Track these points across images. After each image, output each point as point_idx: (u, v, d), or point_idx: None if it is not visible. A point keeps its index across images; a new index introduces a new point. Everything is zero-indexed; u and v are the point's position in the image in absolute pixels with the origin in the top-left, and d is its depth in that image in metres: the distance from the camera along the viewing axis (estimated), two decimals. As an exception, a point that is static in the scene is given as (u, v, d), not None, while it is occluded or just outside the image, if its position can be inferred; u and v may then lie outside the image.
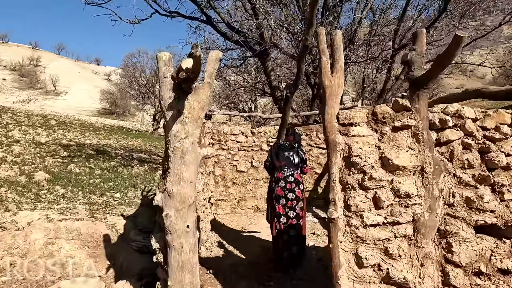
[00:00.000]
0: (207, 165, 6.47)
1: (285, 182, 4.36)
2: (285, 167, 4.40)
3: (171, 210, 2.38)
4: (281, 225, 4.26)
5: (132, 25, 7.68)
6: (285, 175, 4.37)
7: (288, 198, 4.32)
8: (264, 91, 10.97)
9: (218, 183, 7.26)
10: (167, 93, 2.46)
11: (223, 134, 7.31)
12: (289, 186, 4.35)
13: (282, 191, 4.34)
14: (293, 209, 4.31)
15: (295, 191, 4.36)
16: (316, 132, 7.41)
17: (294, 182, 4.38)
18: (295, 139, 4.49)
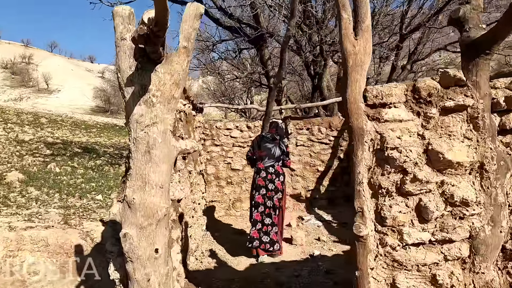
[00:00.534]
0: (197, 163, 5.76)
1: (266, 172, 4.47)
2: (265, 158, 4.52)
3: (131, 227, 1.67)
4: (257, 214, 4.42)
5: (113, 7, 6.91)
6: (266, 166, 4.49)
7: (268, 188, 4.43)
8: (261, 83, 10.24)
9: (211, 183, 6.57)
10: (126, 61, 1.74)
11: (216, 129, 6.61)
12: (270, 177, 4.45)
13: (263, 181, 4.45)
14: (271, 199, 4.42)
15: (275, 182, 4.45)
16: (318, 125, 6.73)
17: (274, 173, 4.48)
18: (277, 132, 4.68)
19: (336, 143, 6.73)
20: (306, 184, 6.75)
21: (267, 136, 4.63)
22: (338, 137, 6.72)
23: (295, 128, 6.79)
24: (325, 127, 6.71)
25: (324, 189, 6.76)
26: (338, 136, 6.71)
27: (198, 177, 5.72)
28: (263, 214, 4.40)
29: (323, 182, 6.78)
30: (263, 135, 4.71)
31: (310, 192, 6.77)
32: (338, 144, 6.72)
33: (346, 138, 6.64)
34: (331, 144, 6.73)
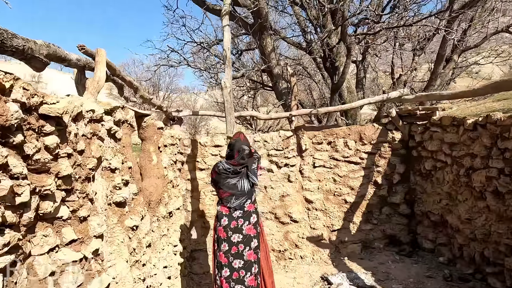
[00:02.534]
0: (169, 195, 3.88)
1: (228, 219, 3.20)
2: (232, 198, 3.22)
3: None
4: (222, 280, 3.12)
5: None
6: (231, 209, 3.20)
7: (232, 242, 3.15)
8: (263, 84, 8.35)
9: (193, 224, 4.63)
10: None
11: (200, 146, 4.70)
12: (234, 224, 3.18)
13: (225, 232, 3.20)
14: (240, 256, 3.13)
15: (243, 229, 3.17)
16: (344, 138, 4.79)
17: (242, 217, 3.19)
18: (240, 153, 3.27)
19: (370, 162, 4.77)
20: (329, 221, 4.78)
21: (225, 167, 3.25)
22: (373, 154, 4.75)
23: (311, 142, 4.87)
24: (353, 140, 4.76)
25: (356, 229, 4.78)
26: (373, 152, 4.75)
27: (174, 217, 3.82)
28: (230, 280, 3.08)
29: (353, 218, 4.82)
30: (220, 167, 3.30)
31: (335, 233, 4.82)
32: (373, 163, 4.77)
33: (385, 155, 4.66)
34: (363, 163, 4.77)
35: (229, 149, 3.34)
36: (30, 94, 1.50)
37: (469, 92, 3.54)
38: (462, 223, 3.85)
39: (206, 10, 5.90)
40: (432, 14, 4.62)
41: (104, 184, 2.36)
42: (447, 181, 4.11)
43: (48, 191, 1.69)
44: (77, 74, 2.39)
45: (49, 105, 1.59)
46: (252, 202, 3.25)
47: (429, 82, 6.29)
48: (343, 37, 4.96)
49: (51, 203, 1.74)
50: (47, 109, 1.58)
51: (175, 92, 24.20)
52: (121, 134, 2.73)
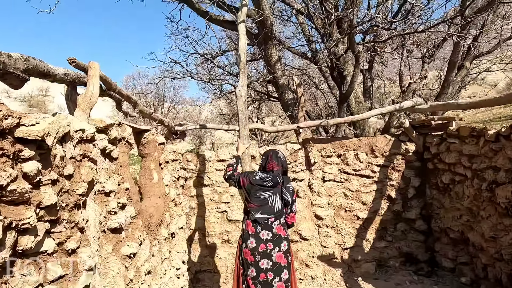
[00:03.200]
0: (171, 214, 3.65)
1: (256, 241, 2.80)
2: (258, 212, 2.85)
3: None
4: None
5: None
6: (257, 222, 2.83)
7: (260, 268, 2.77)
8: (269, 95, 8.15)
9: (197, 243, 4.41)
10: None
11: (204, 161, 4.48)
12: (263, 248, 2.79)
13: (252, 255, 2.80)
14: (269, 285, 2.75)
15: (273, 256, 2.78)
16: (355, 150, 4.54)
17: (272, 241, 2.81)
18: (280, 167, 3.01)
19: (383, 176, 4.51)
20: (341, 238, 4.51)
21: (262, 176, 2.95)
22: (386, 166, 4.49)
23: (320, 155, 4.63)
24: (365, 152, 4.52)
25: (369, 246, 4.49)
26: (386, 165, 4.49)
27: (177, 237, 3.59)
28: None
29: (366, 235, 4.54)
30: (256, 177, 2.96)
31: (348, 251, 4.52)
32: (386, 177, 4.50)
33: (398, 167, 4.40)
34: (376, 176, 4.50)
35: (264, 156, 3.09)
36: (3, 116, 1.30)
37: (491, 100, 3.30)
38: (486, 241, 3.55)
39: (209, 20, 5.76)
40: (445, 20, 4.41)
41: (97, 210, 2.14)
42: (467, 195, 3.83)
43: (28, 225, 1.47)
44: (68, 89, 2.20)
45: (27, 127, 1.39)
46: (282, 225, 2.88)
47: (441, 90, 6.04)
48: (351, 46, 4.76)
49: (31, 238, 1.52)
50: (25, 131, 1.38)
51: (180, 103, 24.20)
52: (118, 153, 2.53)
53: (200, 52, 7.72)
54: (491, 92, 10.98)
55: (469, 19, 4.52)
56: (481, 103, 3.59)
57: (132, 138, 2.85)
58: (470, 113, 12.52)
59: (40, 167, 1.53)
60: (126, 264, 2.37)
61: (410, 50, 7.55)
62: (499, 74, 10.74)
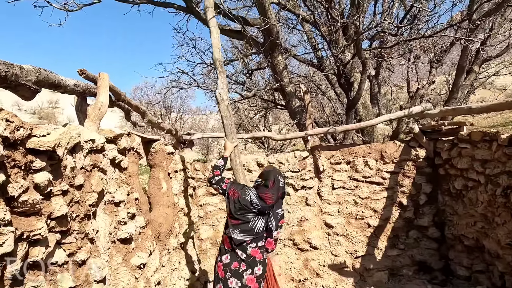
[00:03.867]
0: (180, 224, 3.63)
1: (231, 258, 2.68)
2: (236, 229, 2.66)
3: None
4: None
5: (66, 12, 5.25)
6: (235, 239, 2.65)
7: (228, 287, 2.62)
8: (276, 103, 8.15)
9: (206, 253, 4.36)
10: None
11: (212, 170, 4.45)
12: (235, 266, 2.65)
13: (223, 271, 2.68)
14: None
15: (243, 277, 2.62)
16: (364, 157, 4.50)
17: (245, 262, 2.65)
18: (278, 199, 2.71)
19: (393, 182, 4.44)
20: (352, 247, 4.43)
21: (252, 201, 2.65)
22: (396, 173, 4.43)
23: (329, 162, 4.58)
24: (374, 159, 4.46)
25: (381, 254, 4.40)
26: (396, 171, 4.42)
27: (185, 249, 3.56)
28: None
29: (378, 243, 4.45)
30: (247, 198, 2.66)
31: (359, 259, 4.44)
32: (397, 183, 4.43)
33: (409, 174, 4.34)
34: (386, 183, 4.44)
35: (262, 178, 2.77)
36: (15, 127, 1.31)
37: (503, 104, 3.24)
38: (502, 249, 3.45)
39: (215, 30, 5.79)
40: (453, 24, 4.38)
41: (107, 220, 2.14)
42: (481, 201, 3.74)
43: (39, 236, 1.47)
44: (78, 100, 2.22)
45: (38, 138, 1.40)
46: (259, 247, 2.69)
47: (450, 95, 5.97)
48: (358, 52, 4.75)
49: (42, 249, 1.52)
50: (36, 142, 1.39)
51: (187, 113, 24.38)
52: (127, 163, 2.53)
53: (207, 61, 7.78)
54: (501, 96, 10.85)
55: (477, 23, 4.49)
56: (492, 107, 3.53)
57: (141, 148, 2.86)
58: (479, 118, 12.35)
59: (51, 178, 1.53)
60: (136, 275, 2.35)
61: (417, 55, 7.52)
62: (507, 78, 10.62)
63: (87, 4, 5.36)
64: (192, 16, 6.42)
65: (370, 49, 5.31)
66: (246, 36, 5.45)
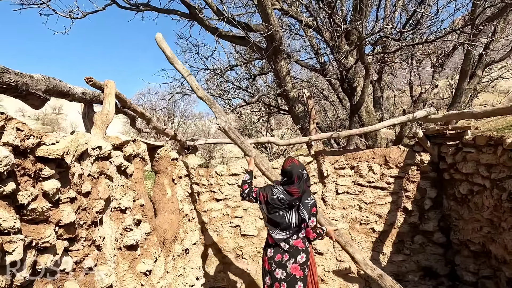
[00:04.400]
0: (185, 230, 3.64)
1: (275, 250, 2.91)
2: (276, 229, 2.90)
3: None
4: None
5: (72, 20, 5.30)
6: (276, 240, 2.88)
7: (275, 278, 2.85)
8: (279, 108, 8.17)
9: (211, 259, 4.37)
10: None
11: (216, 176, 4.49)
12: (279, 258, 2.88)
13: (269, 264, 2.93)
14: None
15: (287, 267, 2.83)
16: (368, 161, 4.49)
17: (288, 252, 2.86)
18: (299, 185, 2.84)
19: (398, 187, 4.43)
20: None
21: (280, 198, 2.85)
22: (401, 178, 4.42)
23: (333, 167, 4.58)
24: (378, 164, 4.46)
25: (386, 260, 4.38)
26: (400, 176, 4.41)
27: (191, 253, 3.56)
28: None
29: (383, 248, 4.43)
30: (274, 196, 2.88)
31: (364, 265, 4.34)
32: (402, 188, 4.42)
33: (413, 178, 4.32)
34: (390, 188, 4.43)
35: (286, 177, 2.89)
36: (25, 135, 1.32)
37: (507, 108, 3.23)
38: (509, 254, 3.43)
39: (218, 37, 5.86)
40: (456, 29, 4.39)
41: (113, 227, 2.14)
42: (487, 206, 3.72)
43: (47, 244, 1.48)
44: (84, 108, 2.24)
45: (47, 146, 1.41)
46: (301, 238, 2.87)
47: (453, 99, 5.97)
48: (361, 57, 4.77)
49: (51, 256, 1.52)
50: (45, 151, 1.40)
51: (189, 118, 24.45)
52: (133, 169, 2.54)
53: (210, 67, 7.82)
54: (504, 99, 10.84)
55: (480, 28, 4.50)
56: (497, 112, 3.53)
57: (146, 154, 2.87)
58: (482, 121, 12.32)
59: (59, 186, 1.55)
60: (141, 281, 2.35)
61: (420, 60, 7.53)
62: (510, 82, 10.59)
63: (92, 12, 5.43)
64: (195, 22, 6.48)
65: (373, 54, 5.32)
66: (249, 42, 5.48)
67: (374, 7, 4.98)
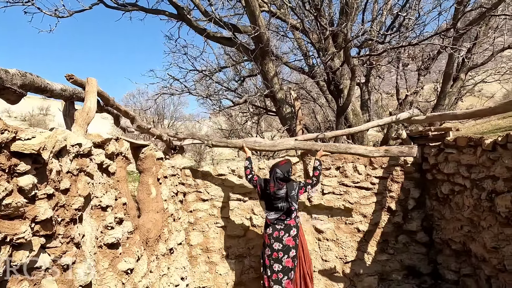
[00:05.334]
0: (170, 230, 3.62)
1: (272, 228, 3.79)
2: (271, 212, 3.81)
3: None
4: (265, 278, 3.78)
5: (57, 18, 5.25)
6: (271, 220, 3.79)
7: (273, 248, 3.75)
8: (267, 109, 8.21)
9: (197, 259, 4.38)
10: None
11: (202, 176, 4.48)
12: (276, 234, 3.77)
13: (268, 239, 3.80)
14: (279, 261, 3.73)
15: (283, 240, 3.75)
16: (353, 162, 4.55)
17: (283, 229, 3.78)
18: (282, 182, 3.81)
19: (382, 187, 4.51)
20: (342, 252, 4.46)
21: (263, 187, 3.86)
22: (385, 178, 4.49)
23: (319, 168, 4.57)
24: (363, 164, 4.53)
25: (371, 259, 4.44)
26: (385, 176, 4.48)
27: (176, 253, 3.54)
28: (271, 280, 3.73)
29: (368, 248, 4.50)
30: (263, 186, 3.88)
31: (349, 265, 4.49)
32: (386, 188, 4.50)
33: (397, 179, 4.40)
34: (375, 188, 4.50)
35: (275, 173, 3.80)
36: (0, 130, 1.32)
37: (486, 110, 3.33)
38: (488, 252, 3.51)
39: (207, 38, 5.87)
40: (438, 33, 4.49)
41: (93, 225, 2.13)
42: (467, 206, 3.81)
43: (22, 240, 1.47)
44: (65, 105, 2.23)
45: (23, 141, 1.40)
46: (293, 218, 3.77)
47: (437, 102, 6.10)
48: (347, 59, 4.84)
49: (26, 253, 1.51)
50: (21, 145, 1.39)
51: (179, 120, 24.32)
52: (115, 168, 2.53)
53: (199, 68, 7.82)
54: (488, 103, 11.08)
55: (461, 32, 4.61)
56: (477, 113, 3.62)
57: (129, 153, 2.86)
58: (469, 125, 12.57)
59: (36, 181, 1.54)
60: (123, 280, 2.34)
61: (406, 63, 7.66)
62: (495, 86, 10.84)
63: (78, 11, 5.39)
64: (183, 23, 6.48)
65: (359, 57, 5.40)
66: (237, 43, 5.51)
67: (360, 11, 5.06)
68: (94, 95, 2.27)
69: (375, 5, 6.32)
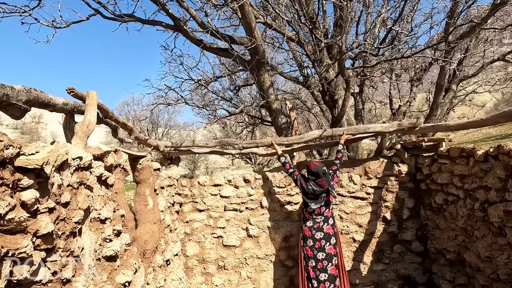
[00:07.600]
0: (166, 241, 3.61)
1: (312, 221, 4.03)
2: (311, 203, 4.01)
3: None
4: (309, 269, 3.94)
5: (54, 29, 5.28)
6: (312, 214, 4.02)
7: (315, 238, 3.97)
8: (262, 119, 8.27)
9: (193, 270, 4.36)
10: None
11: (199, 186, 4.50)
12: (317, 226, 4.01)
13: (309, 231, 4.02)
14: (322, 249, 3.95)
15: (324, 229, 4.00)
16: (348, 172, 4.58)
17: (322, 220, 4.03)
18: (328, 181, 4.00)
19: (377, 197, 4.55)
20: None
21: (314, 188, 3.96)
22: (380, 188, 4.54)
23: (315, 178, 4.61)
24: (358, 174, 4.58)
25: (367, 269, 4.47)
26: (380, 186, 4.53)
27: (172, 264, 3.53)
28: (316, 269, 3.92)
29: (363, 258, 4.52)
30: (308, 183, 4.01)
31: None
32: (381, 198, 4.54)
33: (392, 189, 4.45)
34: (370, 198, 4.54)
35: (314, 175, 3.93)
36: (4, 146, 1.33)
37: (478, 122, 3.41)
38: (482, 262, 3.56)
39: (203, 48, 5.93)
40: (430, 46, 4.62)
41: (92, 238, 2.14)
42: (461, 215, 3.87)
43: (24, 254, 1.48)
44: (65, 118, 2.25)
45: (27, 156, 1.42)
46: (330, 209, 4.05)
47: (430, 113, 6.21)
48: (341, 71, 4.93)
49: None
50: (25, 161, 1.41)
51: (174, 128, 24.27)
52: (113, 180, 2.54)
53: (194, 78, 7.86)
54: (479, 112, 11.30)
55: (452, 45, 4.73)
56: (469, 125, 3.70)
57: (128, 164, 2.88)
58: (460, 134, 12.77)
59: (38, 196, 1.55)
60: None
61: (399, 74, 7.80)
62: (486, 95, 11.07)
63: (76, 22, 5.43)
64: (179, 34, 6.54)
65: (353, 68, 5.51)
66: (233, 54, 5.57)
67: (354, 23, 5.17)
68: (94, 108, 2.29)
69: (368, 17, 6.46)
